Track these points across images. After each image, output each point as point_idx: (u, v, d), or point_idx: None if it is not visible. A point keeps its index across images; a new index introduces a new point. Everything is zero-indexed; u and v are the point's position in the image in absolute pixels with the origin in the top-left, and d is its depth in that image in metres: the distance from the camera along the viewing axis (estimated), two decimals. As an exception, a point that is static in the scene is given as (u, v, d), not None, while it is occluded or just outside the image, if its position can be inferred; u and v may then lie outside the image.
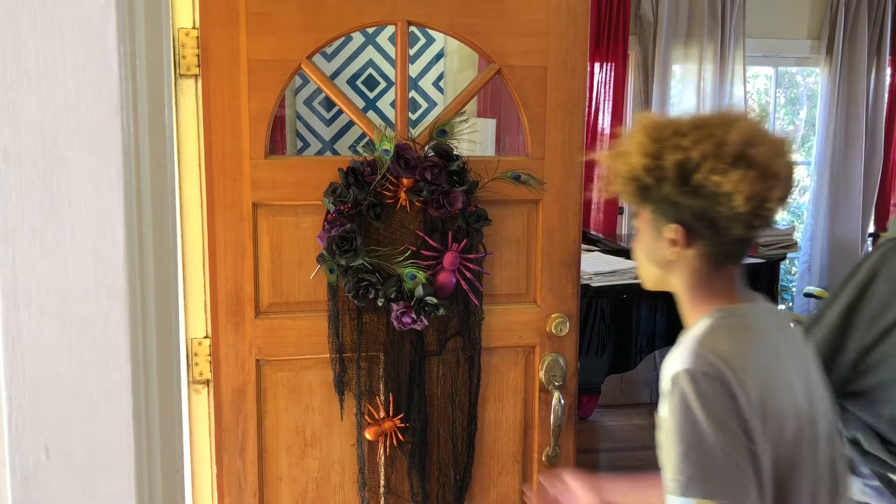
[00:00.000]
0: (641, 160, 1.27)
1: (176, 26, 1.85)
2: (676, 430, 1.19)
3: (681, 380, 1.20)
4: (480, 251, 2.01)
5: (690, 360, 1.21)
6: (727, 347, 1.23)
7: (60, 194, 0.70)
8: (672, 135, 1.26)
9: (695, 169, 1.22)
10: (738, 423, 1.18)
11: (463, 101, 2.04)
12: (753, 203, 1.21)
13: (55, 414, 0.72)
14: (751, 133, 1.24)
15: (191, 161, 1.90)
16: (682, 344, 1.28)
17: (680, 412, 1.19)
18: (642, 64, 4.56)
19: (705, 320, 1.30)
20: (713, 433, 1.17)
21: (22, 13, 0.68)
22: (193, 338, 1.95)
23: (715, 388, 1.18)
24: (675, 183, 1.25)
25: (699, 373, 1.19)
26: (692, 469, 1.17)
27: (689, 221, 1.28)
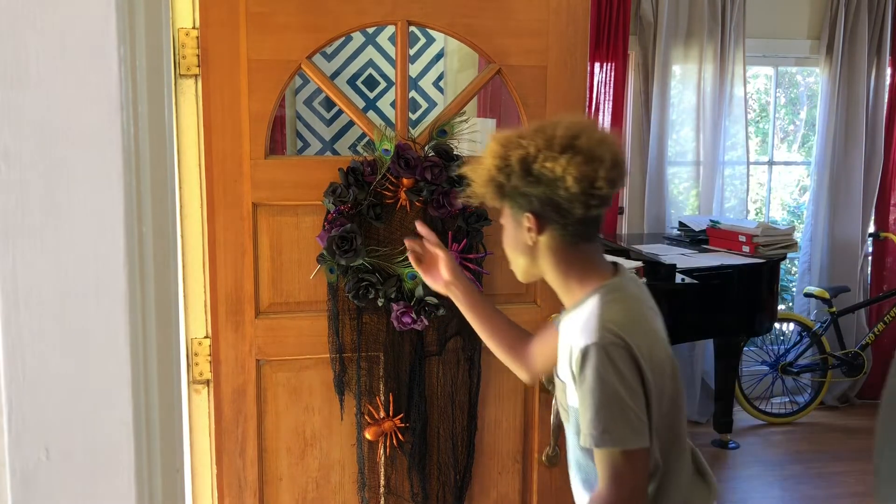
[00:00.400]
0: (493, 161, 1.48)
1: (176, 26, 1.85)
2: (591, 393, 1.42)
3: (592, 352, 1.42)
4: (480, 251, 2.01)
5: (598, 335, 1.43)
6: (622, 319, 1.46)
7: (60, 194, 0.70)
8: (516, 138, 1.48)
9: (533, 160, 1.45)
10: (639, 382, 1.43)
11: (463, 101, 2.04)
12: (583, 184, 1.43)
13: (55, 414, 0.72)
14: (576, 127, 1.46)
15: (191, 161, 1.90)
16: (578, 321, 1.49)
17: (594, 378, 1.41)
18: (642, 64, 4.55)
19: (593, 298, 1.50)
20: (621, 393, 1.41)
21: (22, 13, 0.68)
22: (193, 338, 1.95)
23: (621, 355, 1.42)
24: (520, 175, 1.46)
25: (608, 344, 1.42)
26: (603, 424, 1.41)
27: (538, 209, 1.48)
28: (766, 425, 4.65)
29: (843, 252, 4.90)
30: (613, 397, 1.41)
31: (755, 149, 5.52)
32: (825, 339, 4.71)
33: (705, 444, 4.32)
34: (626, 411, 1.41)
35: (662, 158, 4.58)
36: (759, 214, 5.45)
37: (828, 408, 4.89)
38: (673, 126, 4.63)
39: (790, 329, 4.96)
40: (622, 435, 1.41)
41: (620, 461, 1.42)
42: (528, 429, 2.14)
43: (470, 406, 2.07)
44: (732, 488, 3.92)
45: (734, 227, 4.21)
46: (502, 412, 2.13)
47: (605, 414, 1.41)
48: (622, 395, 1.41)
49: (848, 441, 4.43)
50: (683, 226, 4.44)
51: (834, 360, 4.72)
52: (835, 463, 4.15)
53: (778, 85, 5.67)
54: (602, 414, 1.41)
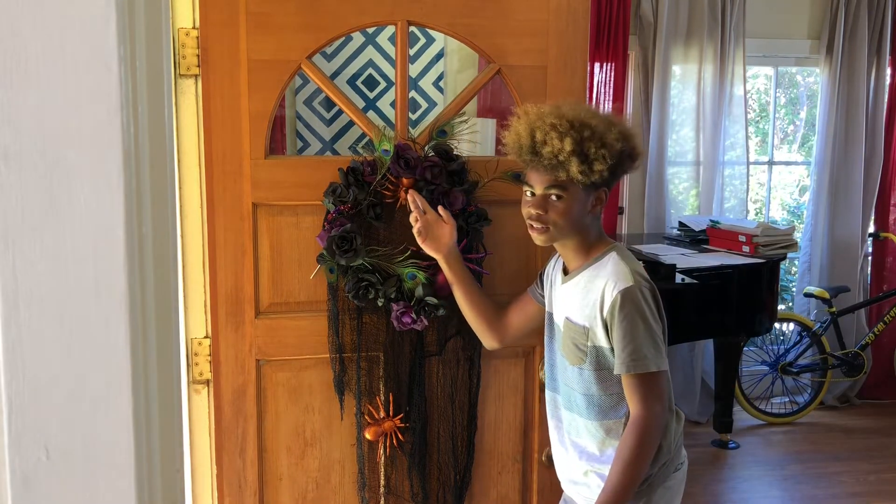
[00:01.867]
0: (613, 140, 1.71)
1: (176, 26, 1.85)
2: (633, 327, 1.69)
3: (631, 293, 1.71)
4: (480, 251, 2.01)
5: (633, 279, 1.73)
6: (641, 268, 1.79)
7: (60, 194, 0.70)
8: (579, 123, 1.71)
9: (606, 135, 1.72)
10: (660, 315, 1.76)
11: (463, 101, 2.04)
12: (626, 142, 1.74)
13: (55, 414, 0.72)
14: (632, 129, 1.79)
15: (191, 161, 1.90)
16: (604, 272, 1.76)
17: (635, 315, 1.70)
18: (642, 64, 4.55)
19: (612, 254, 1.80)
20: (654, 326, 1.72)
21: (22, 13, 0.67)
22: (193, 338, 1.95)
23: (652, 294, 1.75)
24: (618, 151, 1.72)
25: (643, 287, 1.74)
26: (644, 351, 1.70)
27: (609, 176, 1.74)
28: (766, 425, 4.65)
29: (843, 252, 4.90)
30: (650, 329, 1.71)
31: (755, 149, 5.52)
32: (825, 339, 4.71)
33: (705, 444, 4.32)
34: (658, 340, 1.72)
35: (662, 158, 4.58)
36: (759, 214, 5.45)
37: (828, 408, 4.89)
38: (673, 126, 4.63)
39: (790, 329, 4.96)
40: (658, 360, 1.71)
41: (655, 381, 1.71)
42: (528, 429, 2.14)
43: (470, 406, 2.07)
44: (732, 488, 3.92)
45: (734, 227, 4.21)
46: (502, 412, 2.13)
47: (646, 342, 1.70)
48: (654, 327, 1.72)
49: (848, 441, 4.43)
50: (683, 226, 4.44)
51: (834, 360, 4.72)
52: (835, 463, 4.15)
53: (778, 85, 5.67)
54: (644, 343, 1.69)
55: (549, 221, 1.75)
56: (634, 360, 1.69)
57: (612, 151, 1.69)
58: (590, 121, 1.70)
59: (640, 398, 1.71)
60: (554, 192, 1.74)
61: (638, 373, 1.70)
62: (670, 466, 1.83)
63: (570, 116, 1.69)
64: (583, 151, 1.68)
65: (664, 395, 1.73)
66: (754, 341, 4.85)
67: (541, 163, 1.71)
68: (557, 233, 1.77)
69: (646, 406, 1.70)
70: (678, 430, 1.87)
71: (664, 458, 1.80)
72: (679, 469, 1.86)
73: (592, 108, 1.79)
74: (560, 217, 1.75)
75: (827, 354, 4.71)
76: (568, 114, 1.70)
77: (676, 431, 1.86)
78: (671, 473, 1.83)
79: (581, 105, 1.78)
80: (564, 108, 1.72)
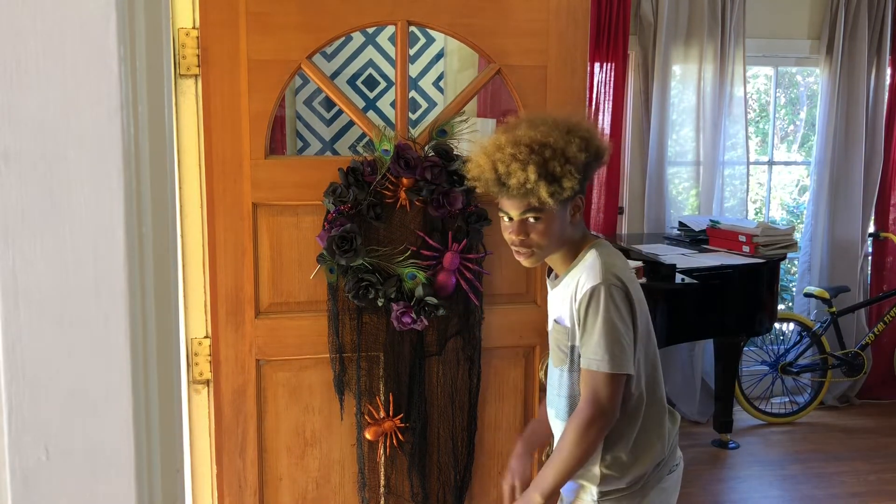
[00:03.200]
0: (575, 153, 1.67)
1: (176, 26, 1.85)
2: (596, 326, 1.67)
3: (599, 291, 1.68)
4: (480, 251, 2.01)
5: (602, 276, 1.69)
6: (619, 266, 1.75)
7: (60, 194, 0.70)
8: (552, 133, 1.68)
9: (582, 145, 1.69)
10: (631, 318, 1.71)
11: (463, 101, 2.04)
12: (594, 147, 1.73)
13: (55, 414, 0.72)
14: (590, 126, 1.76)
15: (191, 161, 1.90)
16: (582, 271, 1.73)
17: (600, 313, 1.67)
18: (642, 64, 4.55)
19: (591, 252, 1.75)
20: (619, 326, 1.68)
21: (22, 13, 0.67)
22: (193, 338, 1.95)
23: (620, 294, 1.69)
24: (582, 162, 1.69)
25: (612, 285, 1.69)
26: (604, 352, 1.67)
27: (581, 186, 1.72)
28: (766, 425, 4.65)
29: (843, 252, 4.90)
30: (614, 329, 1.67)
31: (755, 149, 5.52)
32: (825, 339, 4.71)
33: (705, 444, 4.32)
34: (622, 341, 1.68)
35: (662, 158, 4.58)
36: (759, 214, 5.45)
37: (828, 408, 4.89)
38: (673, 126, 4.63)
39: (790, 329, 4.96)
40: (617, 361, 1.67)
41: (608, 382, 1.68)
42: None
43: (470, 406, 2.07)
44: (732, 488, 3.92)
45: (734, 227, 4.21)
46: (502, 412, 2.13)
47: (611, 342, 1.67)
48: (619, 327, 1.68)
49: (848, 441, 4.42)
50: (683, 226, 4.43)
51: (834, 360, 4.72)
52: (835, 463, 4.15)
53: (778, 85, 5.67)
54: (605, 341, 1.67)
55: (532, 244, 1.73)
56: (594, 359, 1.68)
57: (577, 165, 1.66)
58: (547, 139, 1.65)
59: (588, 394, 1.69)
60: (531, 216, 1.71)
61: (598, 370, 1.68)
62: (665, 468, 1.81)
63: (527, 141, 1.65)
64: (549, 173, 1.64)
65: (614, 398, 1.69)
66: (754, 341, 4.85)
67: (510, 193, 1.68)
68: (543, 252, 1.76)
69: (590, 403, 1.68)
70: (673, 431, 1.85)
71: (658, 458, 1.79)
72: (674, 471, 1.84)
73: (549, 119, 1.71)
74: (542, 238, 1.73)
75: (827, 354, 4.71)
76: (524, 138, 1.66)
77: (671, 432, 1.84)
78: (665, 475, 1.82)
79: (536, 120, 1.72)
80: (519, 132, 1.67)
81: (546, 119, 1.71)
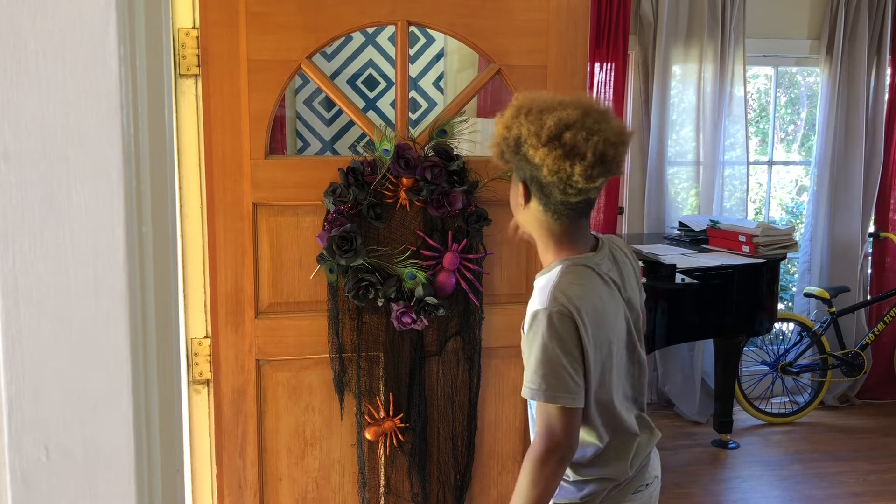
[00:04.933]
0: (500, 130, 1.61)
1: (176, 26, 1.85)
2: (533, 352, 1.56)
3: (539, 316, 1.56)
4: (480, 251, 2.01)
5: (548, 301, 1.56)
6: (575, 291, 1.58)
7: (60, 194, 0.70)
8: (518, 113, 1.59)
9: (523, 142, 1.57)
10: (578, 349, 1.56)
11: (463, 101, 2.04)
12: (559, 175, 1.55)
13: (55, 414, 0.72)
14: (567, 119, 1.54)
15: (191, 161, 1.90)
16: (539, 286, 1.62)
17: (537, 340, 1.55)
18: (642, 64, 4.55)
19: (557, 267, 1.63)
20: (560, 357, 1.54)
21: (22, 13, 0.67)
22: (193, 338, 1.95)
23: (564, 323, 1.55)
24: (513, 151, 1.60)
25: (554, 312, 1.55)
26: (541, 381, 1.55)
27: (527, 182, 1.63)
28: (766, 425, 4.65)
29: (843, 252, 4.90)
30: (552, 359, 1.55)
31: (755, 149, 5.52)
32: (825, 339, 4.71)
33: (705, 444, 4.32)
34: (562, 373, 1.55)
35: (662, 158, 4.58)
36: (759, 214, 5.45)
37: (828, 408, 4.89)
38: (673, 126, 4.63)
39: (790, 329, 4.96)
40: (556, 393, 1.55)
41: (554, 416, 1.56)
42: (528, 429, 2.14)
43: (470, 406, 2.07)
44: (732, 488, 3.92)
45: (734, 227, 4.21)
46: (502, 412, 2.13)
47: (544, 372, 1.55)
48: (561, 358, 1.55)
49: (848, 441, 4.42)
50: (683, 226, 4.44)
51: (834, 360, 4.72)
52: (835, 463, 4.15)
53: (778, 85, 5.67)
54: (540, 372, 1.55)
55: None
56: (529, 387, 1.58)
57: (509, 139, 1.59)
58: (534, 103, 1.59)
59: (541, 428, 1.59)
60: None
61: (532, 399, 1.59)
62: (629, 487, 1.72)
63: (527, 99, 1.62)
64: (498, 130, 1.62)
65: (567, 430, 1.56)
66: (754, 341, 4.85)
67: None
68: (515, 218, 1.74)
69: (543, 438, 1.58)
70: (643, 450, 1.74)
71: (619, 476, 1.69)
72: (641, 490, 1.74)
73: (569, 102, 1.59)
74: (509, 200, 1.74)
75: (827, 354, 4.71)
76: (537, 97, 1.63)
77: (638, 452, 1.72)
78: (629, 495, 1.72)
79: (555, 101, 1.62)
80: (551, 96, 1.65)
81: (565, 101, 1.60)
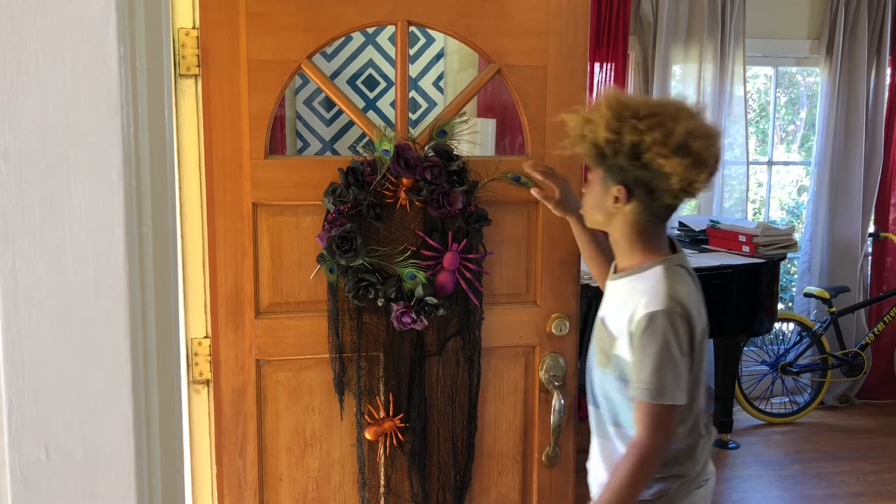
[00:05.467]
0: (605, 133, 1.60)
1: (176, 26, 1.85)
2: (650, 353, 1.62)
3: (659, 317, 1.62)
4: (480, 251, 2.01)
5: (666, 303, 1.63)
6: (684, 291, 1.67)
7: (60, 194, 0.70)
8: (632, 117, 1.58)
9: (646, 150, 1.57)
10: (690, 348, 1.65)
11: (463, 101, 2.04)
12: (685, 183, 1.60)
13: (55, 414, 0.72)
14: (693, 128, 1.58)
15: (191, 161, 1.90)
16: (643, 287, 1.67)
17: (656, 340, 1.61)
18: (642, 64, 4.55)
19: (657, 268, 1.69)
20: (678, 356, 1.62)
21: (22, 13, 0.67)
22: (193, 338, 1.95)
23: (683, 324, 1.63)
24: (628, 157, 1.60)
25: (676, 313, 1.63)
26: (660, 382, 1.62)
27: (630, 185, 1.64)
28: (765, 425, 4.65)
29: (843, 252, 4.90)
30: (673, 359, 1.62)
31: (755, 149, 5.52)
32: (825, 339, 4.71)
33: (705, 444, 4.32)
34: (680, 372, 1.63)
35: (662, 158, 4.58)
36: (759, 214, 5.45)
37: (828, 408, 4.89)
38: (673, 126, 4.63)
39: (790, 329, 4.96)
40: (673, 392, 1.63)
41: (664, 414, 1.64)
42: (528, 429, 2.14)
43: (470, 406, 2.07)
44: (732, 488, 3.92)
45: (734, 227, 4.21)
46: (502, 412, 2.13)
47: (665, 373, 1.62)
48: (678, 358, 1.62)
49: (848, 441, 4.43)
50: (683, 226, 4.44)
51: (834, 360, 4.72)
52: (835, 463, 4.15)
53: (778, 85, 5.67)
54: (662, 373, 1.62)
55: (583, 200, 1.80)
56: (647, 388, 1.63)
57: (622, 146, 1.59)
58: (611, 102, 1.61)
59: (645, 426, 1.65)
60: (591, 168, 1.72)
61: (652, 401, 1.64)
62: (693, 484, 1.80)
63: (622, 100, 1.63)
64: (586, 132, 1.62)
65: (670, 429, 1.66)
66: (754, 341, 4.85)
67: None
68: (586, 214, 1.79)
69: (648, 435, 1.65)
70: (706, 447, 1.82)
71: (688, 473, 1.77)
72: (703, 485, 1.82)
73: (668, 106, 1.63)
74: (584, 196, 1.77)
75: (827, 354, 4.71)
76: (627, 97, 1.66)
77: (704, 449, 1.81)
78: (694, 490, 1.80)
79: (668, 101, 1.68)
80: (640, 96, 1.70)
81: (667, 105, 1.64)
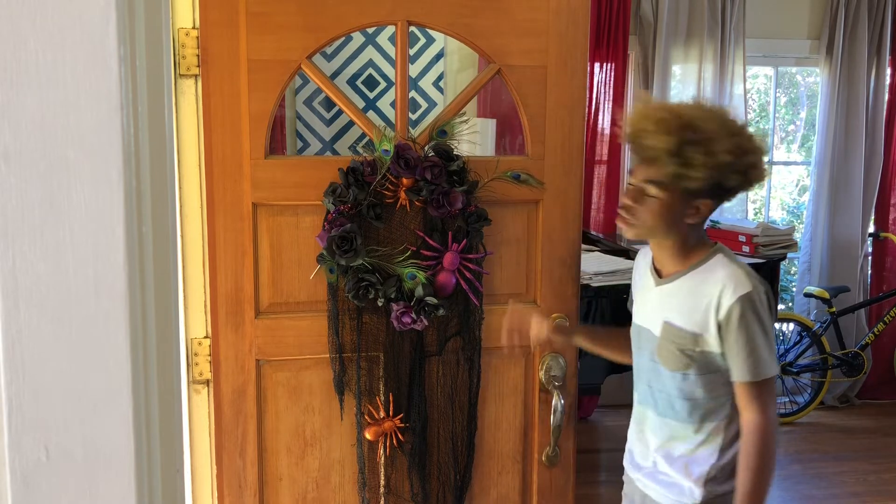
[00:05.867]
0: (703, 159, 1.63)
1: (176, 26, 1.85)
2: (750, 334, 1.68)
3: (753, 298, 1.68)
4: (480, 251, 2.01)
5: (751, 283, 1.70)
6: (748, 267, 1.75)
7: (60, 194, 0.70)
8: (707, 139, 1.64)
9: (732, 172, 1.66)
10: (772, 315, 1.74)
11: (463, 101, 2.04)
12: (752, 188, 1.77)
13: (55, 414, 0.72)
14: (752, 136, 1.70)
15: (191, 161, 1.90)
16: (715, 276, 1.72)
17: (755, 321, 1.68)
18: (642, 64, 4.55)
19: (718, 257, 1.75)
20: (770, 331, 1.71)
21: (22, 13, 0.67)
22: (193, 338, 1.95)
23: (769, 301, 1.71)
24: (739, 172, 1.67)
25: (761, 292, 1.70)
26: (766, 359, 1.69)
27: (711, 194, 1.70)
28: (766, 425, 4.65)
29: (843, 252, 4.90)
30: (768, 334, 1.71)
31: (755, 149, 5.51)
32: (825, 339, 4.71)
33: (705, 444, 4.32)
34: (772, 345, 1.72)
35: (662, 158, 4.58)
36: (759, 214, 5.45)
37: (828, 408, 4.89)
38: (673, 126, 4.63)
39: (790, 329, 4.96)
40: (773, 364, 1.72)
41: (770, 386, 1.72)
42: (528, 429, 2.14)
43: (470, 406, 2.07)
44: (732, 488, 3.92)
45: (734, 227, 4.21)
46: (502, 412, 2.13)
47: (765, 348, 1.70)
48: (770, 332, 1.72)
49: (848, 441, 4.42)
50: (683, 226, 4.43)
51: (834, 360, 4.72)
52: (835, 463, 4.15)
53: (778, 85, 5.67)
54: (764, 349, 1.69)
55: (636, 216, 1.73)
56: (756, 368, 1.69)
57: (714, 161, 1.63)
58: (703, 124, 1.64)
59: (758, 404, 1.71)
60: (649, 188, 1.69)
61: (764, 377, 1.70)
62: None
63: (682, 114, 1.65)
64: (681, 154, 1.62)
65: (774, 399, 1.74)
66: (754, 341, 4.85)
67: (640, 152, 1.69)
68: (644, 231, 1.76)
69: (763, 412, 1.71)
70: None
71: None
72: None
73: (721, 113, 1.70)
74: (649, 216, 1.72)
75: (827, 354, 4.71)
76: (683, 111, 1.66)
77: None
78: None
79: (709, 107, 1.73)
80: (685, 107, 1.69)
81: (718, 112, 1.70)
